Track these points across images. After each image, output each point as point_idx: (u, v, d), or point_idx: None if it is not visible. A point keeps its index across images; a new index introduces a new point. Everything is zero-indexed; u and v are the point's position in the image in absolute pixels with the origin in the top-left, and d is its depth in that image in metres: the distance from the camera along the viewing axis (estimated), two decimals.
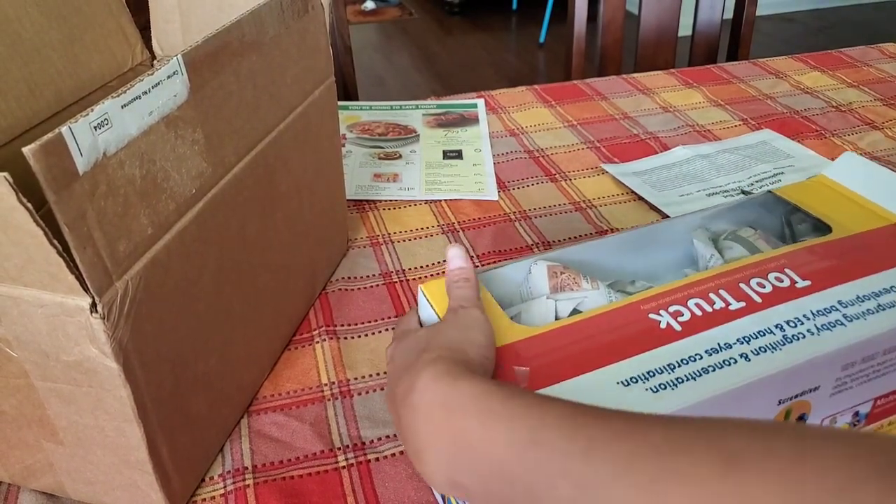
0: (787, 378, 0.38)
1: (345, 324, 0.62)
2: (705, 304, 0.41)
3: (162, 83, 0.37)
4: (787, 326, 0.40)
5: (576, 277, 0.45)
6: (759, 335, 0.39)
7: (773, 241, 0.50)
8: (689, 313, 0.41)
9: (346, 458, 0.50)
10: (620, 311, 0.41)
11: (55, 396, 0.41)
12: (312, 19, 0.55)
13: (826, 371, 0.40)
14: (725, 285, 0.43)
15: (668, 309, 0.41)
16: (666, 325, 0.40)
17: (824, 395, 0.40)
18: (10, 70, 0.52)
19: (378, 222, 0.76)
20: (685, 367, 0.38)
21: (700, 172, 0.83)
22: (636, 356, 0.39)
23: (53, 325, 0.37)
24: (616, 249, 0.50)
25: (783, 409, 0.40)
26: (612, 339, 0.40)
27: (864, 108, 0.99)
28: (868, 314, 0.41)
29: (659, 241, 0.51)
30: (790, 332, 0.39)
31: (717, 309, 0.41)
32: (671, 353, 0.39)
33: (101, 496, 0.46)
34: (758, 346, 0.39)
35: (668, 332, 0.40)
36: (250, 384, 0.55)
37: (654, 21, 1.27)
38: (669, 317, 0.41)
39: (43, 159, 0.30)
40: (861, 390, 0.42)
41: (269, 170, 0.52)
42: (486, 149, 0.89)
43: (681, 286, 0.43)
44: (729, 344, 0.39)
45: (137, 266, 0.38)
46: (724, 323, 0.40)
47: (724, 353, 0.39)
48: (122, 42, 0.64)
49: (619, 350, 0.39)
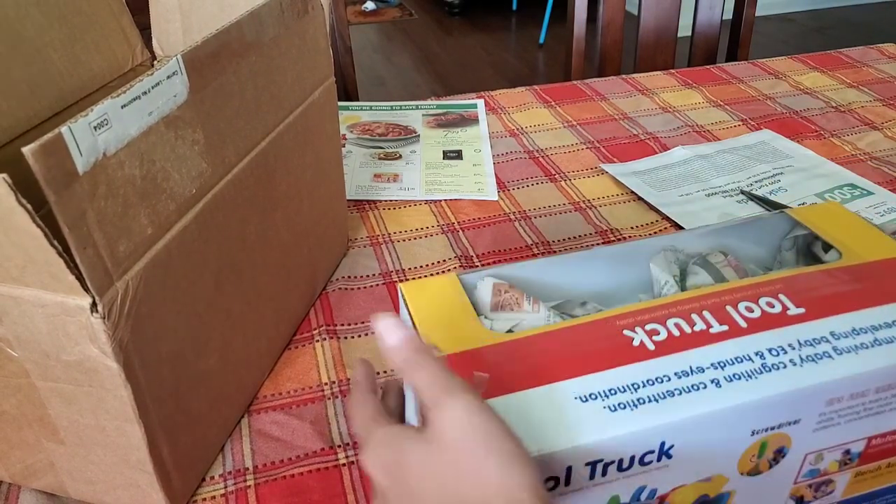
0: (760, 408, 0.36)
1: (345, 323, 0.62)
2: (685, 324, 0.39)
3: (162, 83, 0.38)
4: (767, 354, 0.37)
5: (518, 298, 0.43)
6: (736, 361, 0.37)
7: (748, 269, 0.47)
8: (667, 333, 0.39)
9: (347, 456, 0.51)
10: (595, 325, 0.39)
11: (56, 396, 0.41)
12: (312, 20, 0.55)
13: (808, 405, 0.37)
14: (711, 307, 0.40)
15: (645, 327, 0.39)
16: (640, 342, 0.38)
17: (806, 430, 0.38)
18: (10, 70, 0.53)
19: (378, 222, 0.76)
20: (650, 387, 0.36)
21: (699, 173, 0.83)
22: (600, 372, 0.37)
23: (54, 324, 0.37)
24: (576, 267, 0.47)
25: (758, 441, 0.37)
26: (580, 352, 0.38)
27: (864, 108, 0.99)
28: (861, 348, 0.38)
29: (626, 260, 0.48)
30: (770, 361, 0.37)
31: (696, 331, 0.39)
32: (638, 371, 0.37)
33: (101, 496, 0.47)
34: (732, 372, 0.37)
35: (640, 350, 0.38)
36: (250, 384, 0.55)
37: (654, 22, 1.27)
38: (645, 335, 0.39)
39: (42, 159, 0.30)
40: (852, 427, 0.39)
41: (269, 170, 0.52)
42: (486, 149, 0.89)
43: (663, 304, 0.41)
44: (702, 368, 0.37)
45: (138, 266, 0.38)
46: (702, 346, 0.38)
47: (695, 376, 0.36)
48: (122, 42, 0.64)
49: (584, 364, 0.37)
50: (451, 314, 0.41)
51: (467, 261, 0.70)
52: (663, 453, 0.35)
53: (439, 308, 0.41)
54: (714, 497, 0.39)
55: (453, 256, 0.71)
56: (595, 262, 0.47)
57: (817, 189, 0.79)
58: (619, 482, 0.36)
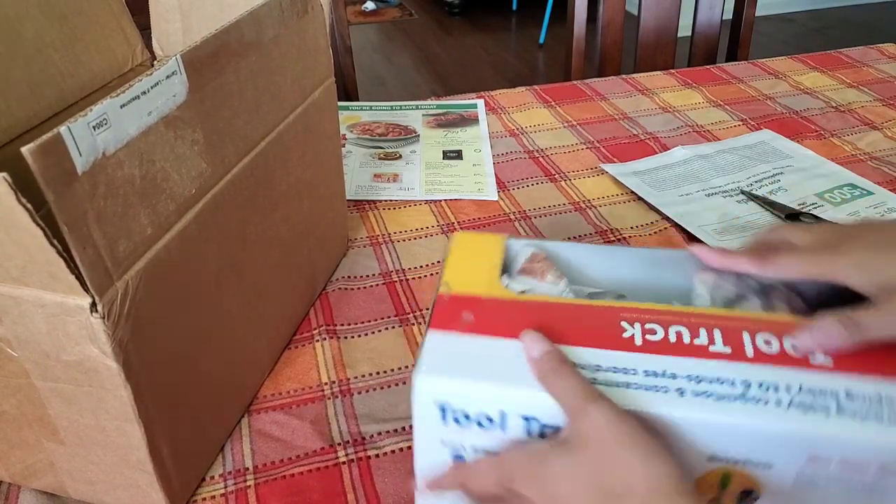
0: (719, 433, 0.33)
1: (345, 323, 0.62)
2: (687, 334, 0.37)
3: (161, 83, 0.38)
4: (755, 387, 0.34)
5: (545, 270, 0.43)
6: (716, 381, 0.34)
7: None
8: (663, 336, 0.37)
9: (347, 454, 0.51)
10: (597, 310, 0.39)
11: (56, 396, 0.41)
12: (312, 20, 0.55)
13: (782, 451, 0.33)
14: (726, 328, 0.37)
15: (645, 325, 0.38)
16: (630, 336, 0.37)
17: (782, 481, 0.34)
18: (10, 70, 0.53)
19: (378, 222, 0.76)
20: (609, 373, 0.35)
21: (699, 173, 0.83)
22: (571, 346, 0.36)
23: (54, 324, 0.37)
24: (624, 259, 0.45)
25: (718, 470, 0.35)
26: (566, 325, 0.37)
27: (864, 108, 0.99)
28: (872, 417, 0.33)
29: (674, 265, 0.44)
30: (753, 393, 0.34)
31: (694, 343, 0.36)
32: (607, 357, 0.36)
33: (101, 496, 0.47)
34: (704, 389, 0.34)
35: (625, 341, 0.37)
36: (250, 383, 0.55)
37: (654, 22, 1.27)
38: (640, 331, 0.37)
39: (42, 159, 0.30)
40: (848, 500, 0.34)
41: (269, 170, 0.52)
42: (486, 149, 0.90)
43: (677, 311, 0.38)
44: (674, 375, 0.35)
45: (137, 266, 0.38)
46: (689, 357, 0.36)
47: (661, 379, 0.34)
48: (122, 42, 0.64)
49: (561, 335, 0.37)
50: (479, 265, 0.43)
51: None
52: None
53: (472, 258, 0.43)
54: None
55: None
56: (644, 258, 0.45)
57: (817, 189, 0.79)
58: None
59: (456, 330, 0.38)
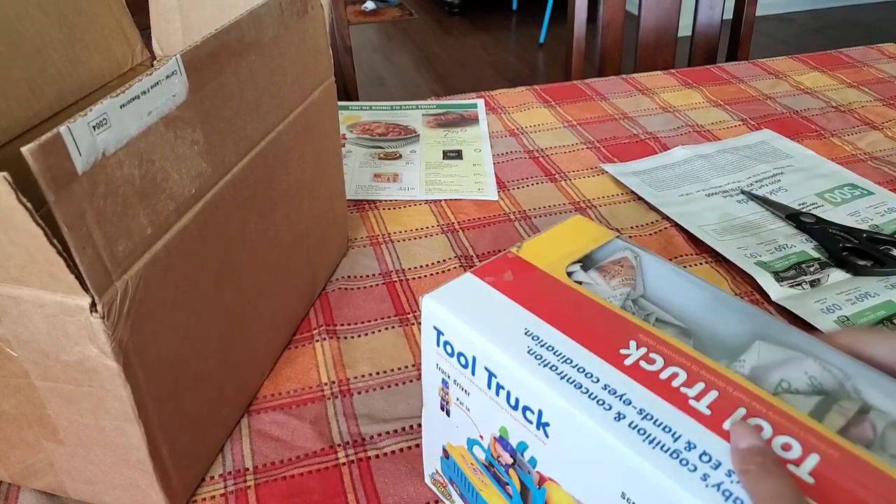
0: (632, 473, 0.32)
1: (345, 323, 0.62)
2: (682, 379, 0.35)
3: (161, 83, 0.38)
4: (693, 452, 0.31)
5: (618, 273, 0.43)
6: (660, 426, 0.32)
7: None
8: (658, 369, 0.35)
9: (346, 455, 0.51)
10: (620, 322, 0.38)
11: (55, 396, 0.41)
12: (312, 20, 0.55)
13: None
14: (728, 395, 0.34)
15: (650, 353, 0.36)
16: (624, 354, 0.36)
17: None
18: (10, 70, 0.53)
19: (378, 222, 0.76)
20: (571, 370, 0.35)
21: (699, 172, 0.83)
22: (565, 335, 0.37)
23: (53, 324, 0.37)
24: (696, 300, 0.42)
25: None
26: (581, 321, 0.38)
27: (864, 108, 0.99)
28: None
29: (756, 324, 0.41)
30: (687, 456, 0.31)
31: (680, 390, 0.34)
32: (584, 359, 0.35)
33: (101, 496, 0.47)
34: (644, 427, 0.32)
35: (617, 357, 0.36)
36: (250, 384, 0.55)
37: (654, 21, 1.27)
38: (640, 355, 0.36)
39: (42, 159, 0.30)
40: None
41: (269, 170, 0.52)
42: (486, 149, 0.89)
43: (696, 359, 0.36)
44: (628, 400, 0.33)
45: (137, 266, 0.38)
46: (658, 396, 0.34)
47: (609, 396, 0.34)
48: (122, 42, 0.64)
49: (569, 327, 0.37)
50: (564, 247, 0.43)
51: (467, 261, 0.70)
52: (541, 424, 0.36)
53: (565, 239, 0.44)
54: None
55: (453, 256, 0.71)
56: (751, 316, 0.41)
57: (818, 189, 0.79)
58: (510, 417, 0.37)
59: (488, 279, 0.40)
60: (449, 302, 0.39)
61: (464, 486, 0.45)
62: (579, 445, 0.34)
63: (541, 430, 0.36)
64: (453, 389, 0.41)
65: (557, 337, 0.37)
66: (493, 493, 0.42)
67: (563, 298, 0.40)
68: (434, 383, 0.42)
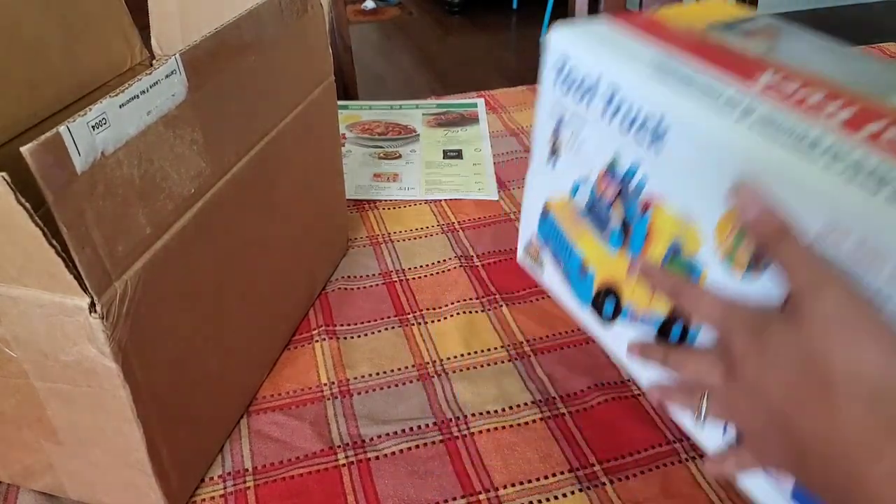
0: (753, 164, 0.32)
1: (344, 323, 0.62)
2: (816, 98, 0.34)
3: (160, 83, 0.37)
4: (822, 146, 0.31)
5: (759, 35, 0.43)
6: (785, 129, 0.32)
7: None
8: (788, 92, 0.35)
9: (346, 456, 0.50)
10: (754, 57, 0.39)
11: (54, 396, 0.41)
12: (312, 19, 0.55)
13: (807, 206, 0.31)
14: (868, 110, 0.33)
15: (785, 79, 0.36)
16: (755, 77, 0.36)
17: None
18: (10, 69, 0.52)
19: (378, 222, 0.76)
20: (696, 76, 0.36)
21: None
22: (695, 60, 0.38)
23: (52, 324, 0.37)
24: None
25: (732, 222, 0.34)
26: (715, 53, 0.39)
27: None
28: None
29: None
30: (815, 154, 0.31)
31: (809, 102, 0.34)
32: (715, 75, 0.36)
33: (100, 496, 0.46)
34: (766, 130, 0.32)
35: (746, 77, 0.36)
36: (250, 384, 0.55)
37: None
38: (771, 79, 0.36)
39: (41, 159, 0.30)
40: None
41: (269, 169, 0.52)
42: (486, 148, 0.89)
43: (838, 87, 0.35)
44: (750, 104, 0.34)
45: (136, 266, 0.38)
46: (784, 103, 0.34)
47: (737, 97, 0.34)
48: (121, 42, 0.64)
49: (712, 57, 0.38)
50: (701, 15, 0.44)
51: (467, 260, 0.70)
52: (658, 136, 0.36)
53: (704, 11, 0.45)
54: (686, 259, 0.37)
55: (453, 256, 0.70)
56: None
57: None
58: (623, 140, 0.38)
59: (619, 22, 0.42)
60: (581, 30, 0.41)
61: (559, 244, 0.47)
62: (699, 146, 0.35)
63: (656, 143, 0.37)
64: (566, 128, 0.43)
65: (688, 57, 0.38)
66: (589, 242, 0.44)
67: (698, 40, 0.41)
68: (545, 133, 0.45)
